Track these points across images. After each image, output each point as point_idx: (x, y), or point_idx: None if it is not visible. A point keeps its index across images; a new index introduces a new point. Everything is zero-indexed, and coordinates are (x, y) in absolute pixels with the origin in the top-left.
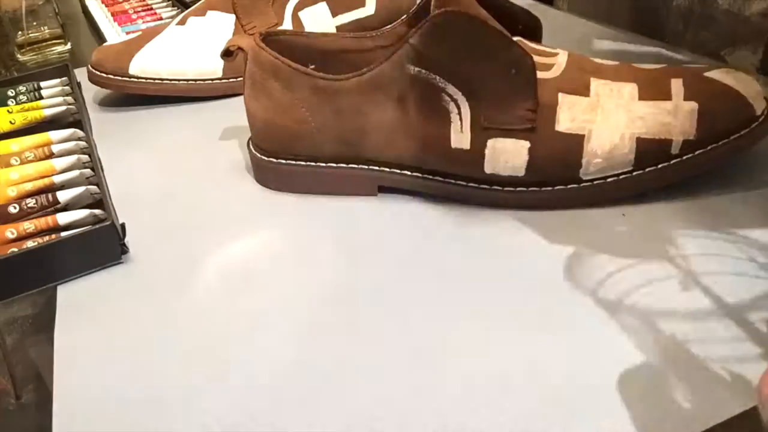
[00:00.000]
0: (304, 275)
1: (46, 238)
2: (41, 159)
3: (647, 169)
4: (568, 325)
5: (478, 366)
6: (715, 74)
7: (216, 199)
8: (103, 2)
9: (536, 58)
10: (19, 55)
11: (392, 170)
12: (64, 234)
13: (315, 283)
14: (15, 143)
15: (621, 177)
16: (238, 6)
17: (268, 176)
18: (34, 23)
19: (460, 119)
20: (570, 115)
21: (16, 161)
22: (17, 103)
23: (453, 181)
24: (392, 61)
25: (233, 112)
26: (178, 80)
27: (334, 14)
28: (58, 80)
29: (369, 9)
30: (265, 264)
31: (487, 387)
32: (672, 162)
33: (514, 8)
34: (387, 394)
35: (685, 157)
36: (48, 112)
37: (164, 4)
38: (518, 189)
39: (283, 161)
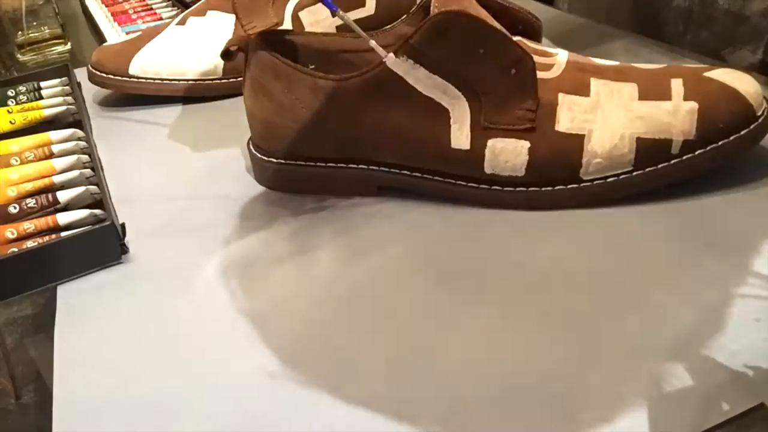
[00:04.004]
0: (304, 275)
1: (46, 238)
2: (41, 159)
3: (647, 169)
4: (568, 326)
5: (478, 366)
6: (715, 74)
7: (216, 199)
8: (103, 2)
9: (536, 58)
10: (19, 55)
11: (392, 170)
12: (64, 234)
13: (315, 283)
14: (15, 143)
15: (621, 177)
16: (238, 6)
17: (268, 176)
18: (34, 23)
19: (460, 119)
20: (570, 115)
21: (16, 161)
22: (17, 103)
23: (453, 181)
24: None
25: (233, 112)
26: (178, 80)
27: (334, 14)
28: (58, 80)
29: (369, 9)
30: (264, 264)
31: (488, 387)
32: (672, 162)
33: (514, 8)
34: (386, 393)
35: (685, 157)
36: (48, 112)
37: (164, 4)
38: (518, 189)
39: (283, 161)
